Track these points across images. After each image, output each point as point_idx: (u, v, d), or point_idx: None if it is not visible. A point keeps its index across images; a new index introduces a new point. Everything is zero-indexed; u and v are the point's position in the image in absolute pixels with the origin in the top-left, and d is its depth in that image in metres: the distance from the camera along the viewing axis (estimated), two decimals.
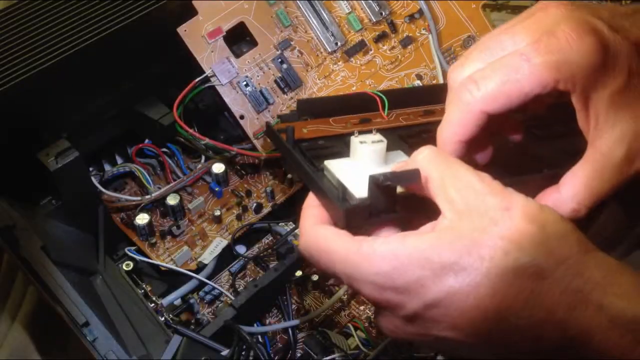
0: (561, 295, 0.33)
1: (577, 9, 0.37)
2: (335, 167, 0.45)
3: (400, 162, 0.43)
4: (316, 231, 0.40)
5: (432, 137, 0.54)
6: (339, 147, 0.47)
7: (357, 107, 0.59)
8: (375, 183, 0.38)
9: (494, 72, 0.37)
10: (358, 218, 0.40)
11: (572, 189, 0.39)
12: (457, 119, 0.39)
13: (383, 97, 0.60)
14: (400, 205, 0.40)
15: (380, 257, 0.36)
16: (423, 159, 0.38)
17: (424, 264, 0.35)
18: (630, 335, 0.33)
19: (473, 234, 0.35)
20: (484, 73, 0.38)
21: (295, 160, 0.46)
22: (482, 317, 0.34)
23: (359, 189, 0.40)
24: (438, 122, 0.57)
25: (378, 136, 0.44)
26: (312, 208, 0.42)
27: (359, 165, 0.44)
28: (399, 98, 0.61)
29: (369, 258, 0.36)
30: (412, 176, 0.38)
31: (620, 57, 0.37)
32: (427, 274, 0.35)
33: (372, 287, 0.36)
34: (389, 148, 0.47)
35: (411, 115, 0.60)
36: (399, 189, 0.40)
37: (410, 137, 0.55)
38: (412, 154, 0.40)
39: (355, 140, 0.44)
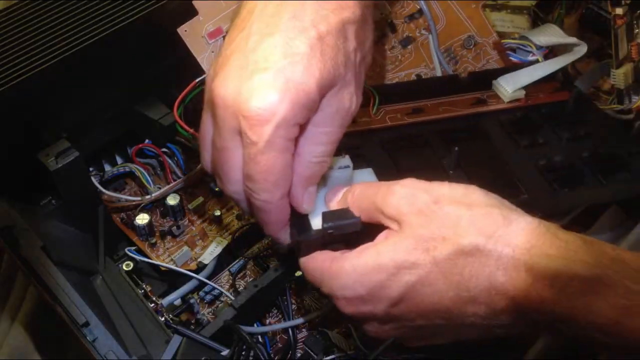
0: (497, 262, 0.38)
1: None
2: None
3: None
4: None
5: (407, 145, 0.56)
6: None
7: None
8: (323, 228, 0.43)
9: None
10: (312, 245, 0.45)
11: None
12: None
13: (374, 92, 0.60)
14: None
15: (344, 274, 0.41)
16: (352, 200, 0.44)
17: (379, 269, 0.40)
18: (555, 288, 0.37)
19: (414, 232, 0.40)
20: None
21: None
22: (440, 299, 0.39)
23: (318, 219, 0.44)
24: (420, 125, 0.59)
25: (347, 160, 0.47)
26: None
27: (325, 188, 0.47)
28: (391, 93, 0.61)
29: (337, 276, 0.42)
30: (354, 225, 0.43)
31: None
32: (384, 277, 0.40)
33: (344, 302, 0.42)
34: (368, 156, 0.52)
35: (399, 114, 0.60)
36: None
37: (390, 142, 0.56)
38: (343, 195, 0.45)
39: None
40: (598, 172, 0.56)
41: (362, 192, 0.44)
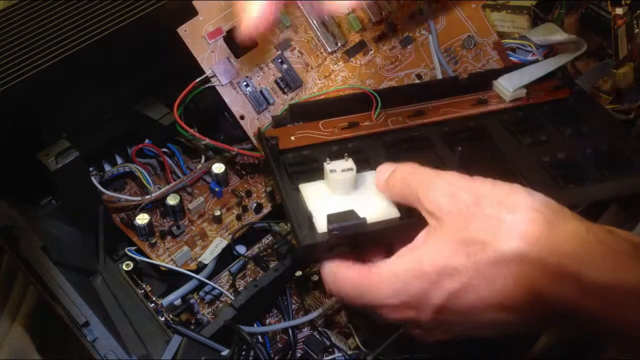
0: (542, 271, 0.36)
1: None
2: (308, 191, 0.47)
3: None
4: (329, 270, 0.44)
5: (410, 147, 0.56)
6: (323, 158, 0.49)
7: (349, 109, 0.60)
8: (328, 230, 0.42)
9: None
10: (317, 250, 0.44)
11: None
12: None
13: (376, 96, 0.60)
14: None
15: (385, 282, 0.40)
16: (394, 184, 0.43)
17: (420, 276, 0.39)
18: (606, 301, 0.35)
19: (455, 235, 0.38)
20: None
21: (275, 177, 0.48)
22: (485, 305, 0.38)
23: (323, 222, 0.44)
24: (422, 127, 0.59)
25: (349, 163, 0.47)
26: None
27: (329, 192, 0.47)
28: (392, 96, 0.61)
29: (377, 285, 0.41)
30: (359, 227, 0.43)
31: None
32: (427, 284, 0.39)
33: (388, 309, 0.41)
34: (371, 160, 0.51)
35: (400, 117, 0.60)
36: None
37: (392, 146, 0.56)
38: (377, 177, 0.45)
39: (326, 168, 0.47)
40: (601, 168, 0.56)
41: (405, 178, 0.43)
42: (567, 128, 0.60)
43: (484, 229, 0.37)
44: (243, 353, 0.49)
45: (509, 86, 0.63)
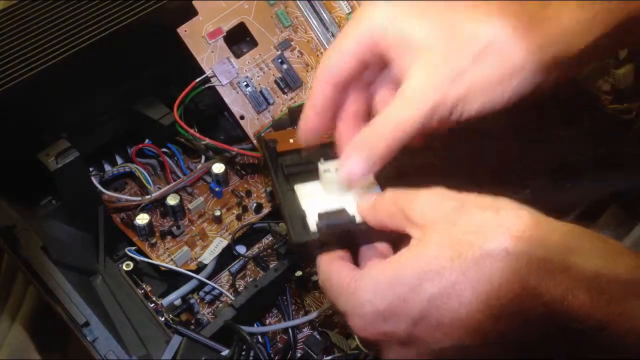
0: (528, 265, 0.34)
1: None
2: (303, 192, 0.47)
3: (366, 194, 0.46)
4: (324, 266, 0.43)
5: (407, 149, 0.56)
6: (320, 160, 0.49)
7: None
8: (317, 227, 0.42)
9: None
10: (310, 249, 0.44)
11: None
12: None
13: None
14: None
15: (363, 288, 0.38)
16: (382, 206, 0.42)
17: (400, 281, 0.37)
18: (594, 291, 0.34)
19: (438, 239, 0.37)
20: None
21: (272, 179, 0.49)
22: (469, 312, 0.35)
23: (316, 221, 0.43)
24: None
25: None
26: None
27: (324, 192, 0.47)
28: None
29: (355, 292, 0.39)
30: (349, 225, 0.42)
31: None
32: (406, 289, 0.36)
33: (361, 321, 0.38)
34: None
35: None
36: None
37: None
38: (358, 203, 0.44)
39: (321, 168, 0.47)
40: (600, 168, 0.56)
41: (391, 197, 0.41)
42: (566, 128, 0.60)
43: (468, 230, 0.36)
44: (243, 353, 0.49)
45: None
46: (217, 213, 0.60)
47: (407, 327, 0.37)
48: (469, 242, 0.36)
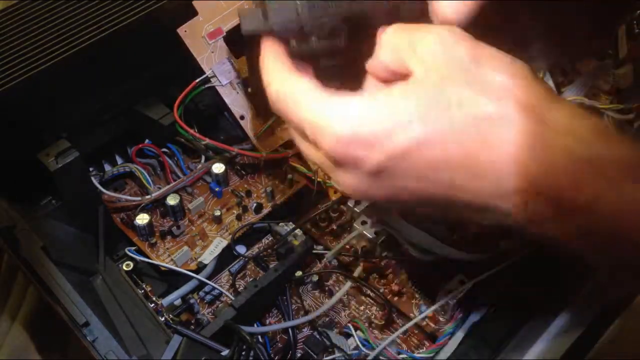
0: (528, 137, 0.33)
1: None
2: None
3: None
4: (284, 83, 0.39)
5: None
6: None
7: None
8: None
9: None
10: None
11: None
12: None
13: None
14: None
15: (351, 107, 0.36)
16: (388, 36, 0.38)
17: (392, 115, 0.35)
18: (595, 172, 0.33)
19: (440, 84, 0.35)
20: None
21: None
22: (447, 167, 0.35)
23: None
24: None
25: None
26: (273, 44, 0.41)
27: None
28: None
29: (337, 107, 0.36)
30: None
31: None
32: (394, 125, 0.35)
33: (333, 139, 0.36)
34: None
35: None
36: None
37: None
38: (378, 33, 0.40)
39: None
40: None
41: (400, 27, 0.38)
42: None
43: (475, 84, 0.35)
44: (243, 353, 0.49)
45: None
46: (217, 213, 0.60)
47: (380, 159, 0.35)
48: (472, 98, 0.34)
